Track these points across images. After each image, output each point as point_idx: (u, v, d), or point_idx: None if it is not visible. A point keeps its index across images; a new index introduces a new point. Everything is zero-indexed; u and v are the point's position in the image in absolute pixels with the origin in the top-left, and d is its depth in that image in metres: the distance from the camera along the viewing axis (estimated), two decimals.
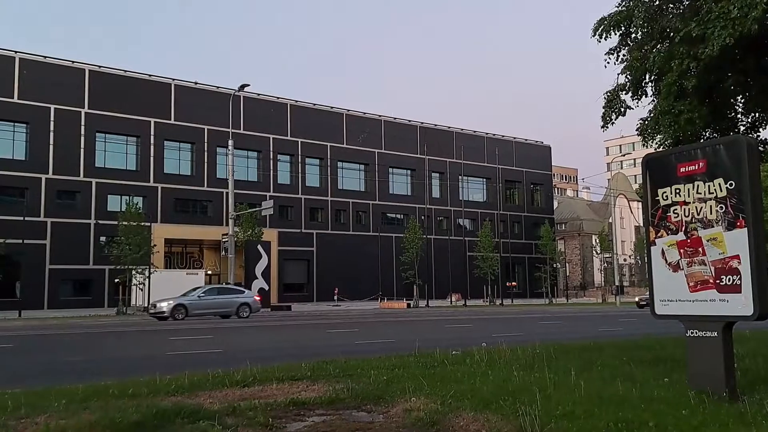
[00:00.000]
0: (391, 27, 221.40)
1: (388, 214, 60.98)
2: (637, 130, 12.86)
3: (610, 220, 70.26)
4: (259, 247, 44.86)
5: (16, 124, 43.93)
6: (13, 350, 15.12)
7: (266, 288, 44.03)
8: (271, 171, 54.04)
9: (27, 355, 14.27)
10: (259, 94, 54.15)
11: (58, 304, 42.22)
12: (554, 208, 78.68)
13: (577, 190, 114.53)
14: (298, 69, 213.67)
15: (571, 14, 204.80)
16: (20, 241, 37.07)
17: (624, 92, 12.20)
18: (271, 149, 54.12)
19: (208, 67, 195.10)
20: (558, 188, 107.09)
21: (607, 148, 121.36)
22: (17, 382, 8.25)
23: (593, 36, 11.89)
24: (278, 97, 55.89)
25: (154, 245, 40.27)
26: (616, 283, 59.29)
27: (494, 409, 5.72)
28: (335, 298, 51.16)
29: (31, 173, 43.59)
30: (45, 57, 45.81)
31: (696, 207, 6.32)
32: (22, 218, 38.35)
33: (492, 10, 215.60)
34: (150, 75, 50.09)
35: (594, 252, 71.64)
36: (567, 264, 78.41)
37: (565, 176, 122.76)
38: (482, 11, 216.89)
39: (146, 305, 37.29)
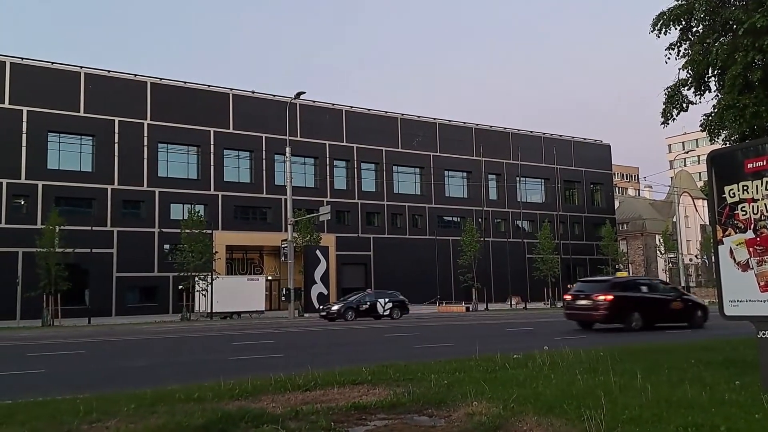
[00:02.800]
0: (444, 28, 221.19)
1: (445, 217, 60.71)
2: (701, 126, 12.51)
3: (675, 219, 68.40)
4: (317, 252, 45.25)
5: (83, 137, 45.41)
6: (84, 356, 15.62)
7: (325, 293, 44.36)
8: (328, 177, 54.49)
9: (98, 361, 14.73)
10: (314, 101, 54.69)
11: (125, 310, 43.36)
12: (615, 207, 77.03)
13: (638, 189, 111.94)
14: (351, 74, 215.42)
15: (630, 9, 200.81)
16: (88, 250, 38.37)
17: (685, 87, 11.90)
18: (328, 155, 54.59)
19: (264, 76, 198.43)
20: (619, 187, 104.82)
21: (670, 146, 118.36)
22: (89, 388, 8.52)
23: (652, 31, 11.66)
24: (333, 104, 56.34)
25: (216, 252, 41.09)
26: (682, 284, 57.68)
27: (558, 413, 5.64)
28: None
29: (97, 184, 44.87)
30: (109, 71, 47.28)
31: (765, 204, 6.12)
32: (90, 228, 39.69)
33: (549, 6, 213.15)
34: (209, 86, 51.14)
35: (658, 252, 69.57)
36: (630, 265, 76.56)
37: (626, 175, 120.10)
38: (539, 8, 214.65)
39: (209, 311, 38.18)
